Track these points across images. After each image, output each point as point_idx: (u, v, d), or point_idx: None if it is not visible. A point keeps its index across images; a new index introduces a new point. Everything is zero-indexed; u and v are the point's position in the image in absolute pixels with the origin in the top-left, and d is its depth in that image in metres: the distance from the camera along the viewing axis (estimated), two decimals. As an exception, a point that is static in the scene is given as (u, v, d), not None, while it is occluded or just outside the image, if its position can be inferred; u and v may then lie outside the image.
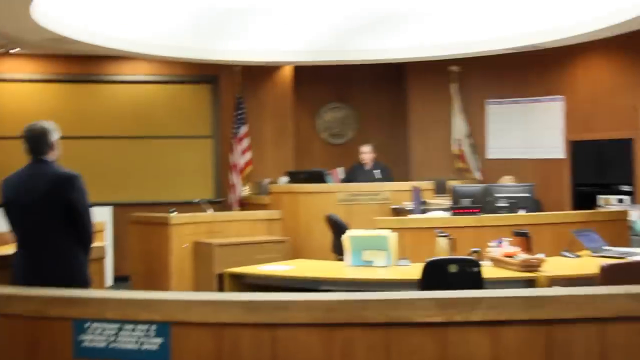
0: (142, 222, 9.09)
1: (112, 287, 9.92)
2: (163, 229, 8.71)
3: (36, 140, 4.49)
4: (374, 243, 5.48)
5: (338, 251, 7.24)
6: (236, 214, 9.70)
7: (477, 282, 4.69)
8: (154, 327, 2.92)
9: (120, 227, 10.13)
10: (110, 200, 10.70)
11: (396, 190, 9.20)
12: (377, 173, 9.63)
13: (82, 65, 10.84)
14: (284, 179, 10.23)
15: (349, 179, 9.98)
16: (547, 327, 2.81)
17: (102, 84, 11.07)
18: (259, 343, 2.86)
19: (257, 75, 11.22)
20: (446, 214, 7.34)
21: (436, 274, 4.71)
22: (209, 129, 11.35)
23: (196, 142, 11.33)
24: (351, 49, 10.67)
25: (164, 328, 2.91)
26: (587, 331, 2.81)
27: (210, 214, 9.25)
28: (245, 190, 10.76)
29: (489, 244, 5.44)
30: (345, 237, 5.59)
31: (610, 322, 2.81)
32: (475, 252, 5.30)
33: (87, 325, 2.98)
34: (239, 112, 10.93)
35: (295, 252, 8.77)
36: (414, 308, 2.82)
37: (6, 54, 10.29)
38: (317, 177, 9.58)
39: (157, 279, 8.78)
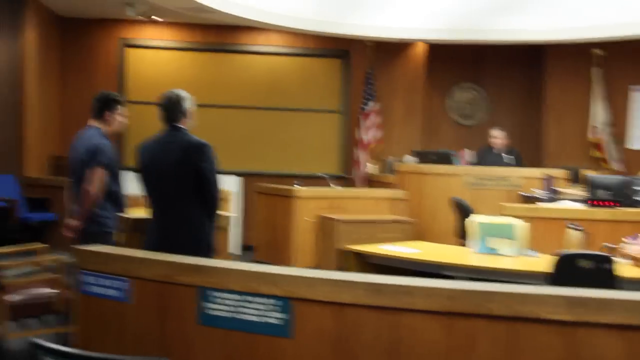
0: (267, 193, 9.24)
1: (240, 256, 10.18)
2: (288, 201, 8.82)
3: (171, 108, 4.59)
4: (501, 231, 5.32)
5: (462, 236, 7.09)
6: (361, 191, 9.68)
7: (610, 280, 4.46)
8: (276, 301, 2.94)
9: (248, 196, 10.33)
10: (239, 170, 10.92)
11: (526, 177, 8.89)
12: (506, 158, 9.34)
13: (217, 34, 11.09)
14: (410, 158, 10.10)
15: (477, 162, 9.74)
16: (688, 336, 2.63)
17: (236, 53, 11.27)
18: (381, 326, 2.82)
19: (389, 51, 11.11)
20: (579, 205, 7.03)
21: (567, 269, 4.51)
22: (338, 104, 11.36)
23: (325, 116, 11.37)
24: (487, 29, 10.38)
25: (286, 303, 2.93)
26: None
27: (334, 189, 9.28)
28: (371, 168, 10.71)
29: (625, 239, 5.16)
30: (472, 222, 5.45)
31: None
32: (608, 247, 5.04)
33: (210, 293, 3.04)
34: (369, 87, 10.87)
35: (418, 234, 8.66)
36: (541, 304, 2.70)
37: (147, 21, 10.64)
38: (444, 159, 9.40)
39: (279, 251, 8.92)
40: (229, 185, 10.61)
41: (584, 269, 4.48)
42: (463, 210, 7.77)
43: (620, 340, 2.65)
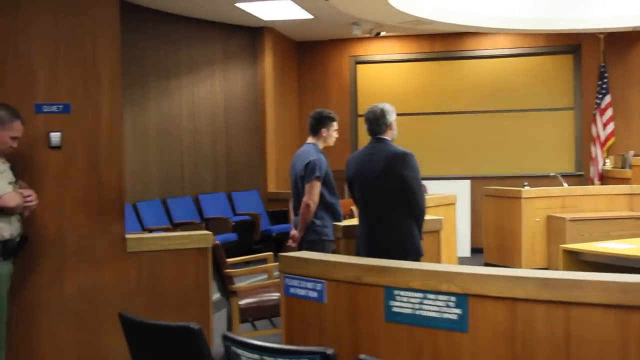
0: (495, 195, 9.25)
1: (468, 258, 10.25)
2: (515, 202, 8.77)
3: (375, 121, 4.83)
4: None
5: None
6: (593, 188, 9.33)
7: None
8: (453, 298, 3.09)
9: (477, 199, 10.39)
10: (469, 174, 11.02)
11: None
12: None
13: (443, 42, 11.26)
14: (650, 152, 9.56)
15: None
16: None
17: (463, 59, 11.36)
18: (552, 320, 2.87)
19: (622, 41, 10.57)
20: None
21: None
22: (571, 101, 11.02)
23: (557, 114, 11.07)
24: None
25: (462, 299, 3.07)
26: None
27: (564, 187, 9.06)
28: (607, 164, 10.28)
29: None
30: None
31: None
32: None
33: (395, 292, 3.26)
34: (603, 81, 10.43)
35: (657, 230, 8.23)
36: None
37: (376, 37, 11.10)
38: (687, 149, 8.79)
39: (508, 253, 8.89)
40: (460, 189, 10.76)
41: None
42: None
43: None
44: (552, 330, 2.88)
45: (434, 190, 9.88)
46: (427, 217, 5.42)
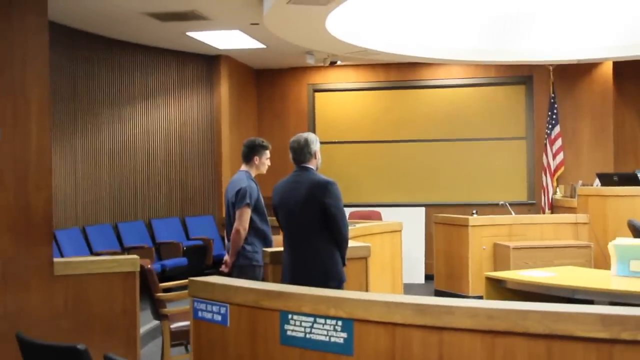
0: (444, 223, 9.42)
1: (422, 285, 10.41)
2: (463, 230, 8.95)
3: (299, 150, 5.00)
4: (642, 252, 5.14)
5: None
6: (539, 217, 9.55)
7: None
8: (340, 322, 3.23)
9: (432, 226, 10.55)
10: (423, 201, 11.21)
11: None
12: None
13: (398, 72, 11.50)
14: (597, 182, 9.78)
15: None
16: None
17: (418, 89, 11.59)
18: (427, 344, 3.02)
19: (572, 73, 10.87)
20: None
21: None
22: (523, 130, 11.26)
23: (510, 143, 11.31)
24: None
25: (348, 324, 3.21)
26: None
27: (511, 216, 9.25)
28: (557, 193, 10.51)
29: None
30: (610, 246, 5.32)
31: None
32: None
33: (289, 316, 3.39)
34: (553, 112, 10.69)
35: (598, 258, 8.42)
36: (576, 322, 2.75)
37: (331, 66, 11.31)
38: (629, 180, 9.02)
39: (456, 280, 9.05)
40: (414, 216, 10.94)
41: None
42: (637, 233, 7.46)
43: (658, 357, 2.64)
44: (427, 354, 3.02)
45: (389, 217, 10.06)
46: (355, 244, 5.60)
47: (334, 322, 3.25)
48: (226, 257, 5.68)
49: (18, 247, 4.76)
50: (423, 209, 11.11)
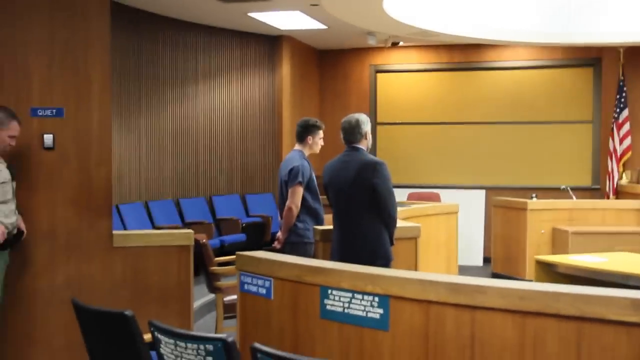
0: (503, 206, 9.39)
1: (480, 268, 10.38)
2: (521, 213, 8.91)
3: (350, 131, 5.07)
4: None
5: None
6: (600, 202, 9.41)
7: None
8: (376, 298, 3.32)
9: (491, 210, 10.50)
10: (484, 184, 11.15)
11: None
12: None
13: (462, 53, 11.42)
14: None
15: None
16: None
17: (482, 70, 11.50)
18: (460, 322, 3.08)
19: (641, 56, 10.60)
20: None
21: None
22: (589, 114, 11.07)
23: (576, 127, 11.13)
24: None
25: (384, 300, 3.30)
26: None
27: (571, 200, 9.15)
28: (623, 178, 10.30)
29: None
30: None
31: None
32: None
33: (329, 291, 3.50)
34: (621, 95, 10.46)
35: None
36: (607, 305, 2.77)
37: (394, 47, 11.32)
38: (696, 166, 8.80)
39: (513, 263, 9.02)
40: (475, 198, 10.91)
41: None
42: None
43: (687, 342, 2.65)
44: (460, 332, 3.08)
45: (448, 199, 10.06)
46: (405, 224, 5.68)
47: (370, 298, 3.35)
48: (279, 234, 5.83)
49: (80, 220, 5.01)
50: (484, 191, 11.06)
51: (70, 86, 4.94)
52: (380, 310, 3.31)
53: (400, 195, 10.12)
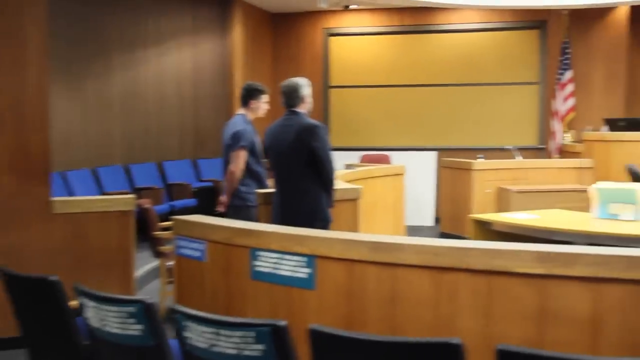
0: (450, 167, 9.55)
1: (431, 227, 10.57)
2: (467, 174, 9.08)
3: (289, 95, 5.14)
4: (622, 196, 5.25)
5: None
6: (543, 162, 9.62)
7: None
8: (304, 258, 3.43)
9: (441, 170, 10.67)
10: (435, 145, 11.31)
11: None
12: None
13: (413, 16, 11.47)
14: (605, 127, 9.79)
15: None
16: (654, 290, 2.72)
17: (432, 33, 11.58)
18: (381, 279, 3.21)
19: (586, 18, 10.77)
20: None
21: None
22: (536, 75, 11.24)
23: (522, 88, 11.30)
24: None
25: (311, 260, 3.41)
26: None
27: (515, 160, 9.34)
28: (566, 138, 10.54)
29: None
30: (593, 189, 5.43)
31: None
32: None
33: (258, 253, 3.60)
34: (565, 57, 10.65)
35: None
36: (514, 258, 2.92)
37: (346, 10, 11.34)
38: (636, 125, 9.03)
39: (460, 222, 9.17)
40: (426, 160, 11.08)
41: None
42: (636, 178, 7.53)
43: (588, 291, 2.81)
44: (380, 288, 3.21)
45: (400, 161, 10.19)
46: (345, 185, 5.78)
47: (298, 258, 3.45)
48: (222, 198, 5.90)
49: (18, 186, 5.02)
50: (435, 153, 11.21)
51: (4, 51, 4.91)
52: (308, 270, 3.42)
53: (352, 157, 10.34)
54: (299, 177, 5.05)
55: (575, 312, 2.83)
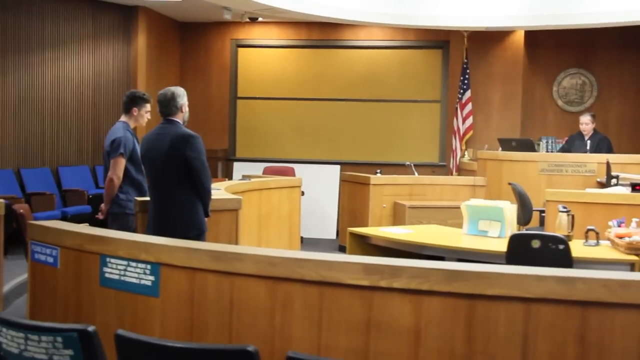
0: (350, 181, 9.69)
1: (334, 240, 10.68)
2: (365, 188, 9.22)
3: (165, 103, 5.14)
4: (490, 213, 5.44)
5: (519, 221, 7.12)
6: (439, 178, 9.85)
7: (564, 260, 4.51)
8: (149, 266, 3.44)
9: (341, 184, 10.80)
10: (339, 159, 11.46)
11: (601, 162, 8.65)
12: (588, 144, 9.13)
13: (320, 31, 11.64)
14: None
15: (564, 148, 9.60)
16: (469, 301, 2.82)
17: (339, 49, 11.77)
18: (220, 288, 3.24)
19: (485, 40, 11.11)
20: (625, 190, 6.85)
21: (520, 249, 4.61)
22: (438, 94, 11.52)
23: (425, 106, 11.58)
24: (593, 11, 10.06)
25: (155, 268, 3.42)
26: (511, 309, 2.78)
27: (412, 176, 9.54)
28: (465, 156, 10.82)
29: (610, 223, 5.11)
30: (463, 206, 5.60)
31: (535, 302, 2.75)
32: (591, 230, 5.03)
33: (107, 259, 3.59)
34: (465, 77, 10.95)
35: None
36: (344, 270, 2.99)
37: (254, 22, 11.40)
38: (526, 145, 9.35)
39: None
40: (330, 173, 11.20)
41: (535, 248, 4.56)
42: (519, 196, 7.77)
43: (410, 303, 2.91)
44: (220, 297, 3.24)
45: (304, 174, 10.27)
46: (225, 195, 5.82)
47: (144, 265, 3.46)
48: (102, 205, 5.85)
49: None
50: (338, 166, 11.35)
51: None
52: (152, 277, 3.43)
53: (255, 169, 10.36)
54: (173, 186, 5.06)
55: (398, 323, 2.92)
